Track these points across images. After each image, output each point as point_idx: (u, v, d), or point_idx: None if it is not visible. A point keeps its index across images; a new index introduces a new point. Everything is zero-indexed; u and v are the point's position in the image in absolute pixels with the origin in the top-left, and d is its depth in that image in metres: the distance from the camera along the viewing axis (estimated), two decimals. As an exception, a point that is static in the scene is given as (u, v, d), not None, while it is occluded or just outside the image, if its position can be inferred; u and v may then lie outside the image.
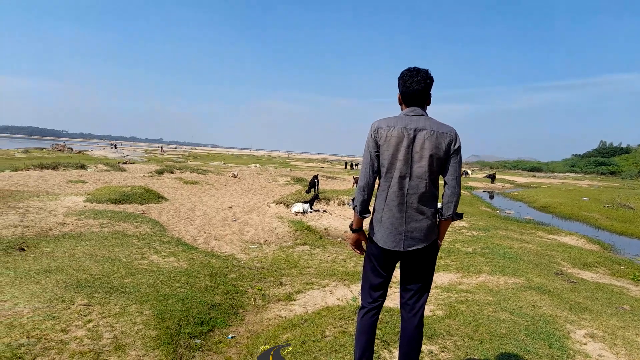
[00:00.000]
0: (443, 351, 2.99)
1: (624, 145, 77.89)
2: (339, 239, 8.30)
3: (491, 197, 21.69)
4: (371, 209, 2.22)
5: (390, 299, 3.52)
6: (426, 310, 3.65)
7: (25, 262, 4.53)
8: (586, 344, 3.28)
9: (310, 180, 14.23)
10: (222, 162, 36.57)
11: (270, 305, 4.30)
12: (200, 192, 13.73)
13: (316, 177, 13.99)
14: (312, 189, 13.51)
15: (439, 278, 5.32)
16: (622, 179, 52.10)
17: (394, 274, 2.28)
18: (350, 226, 2.26)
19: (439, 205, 2.17)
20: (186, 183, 15.22)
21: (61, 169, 15.83)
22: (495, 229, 9.27)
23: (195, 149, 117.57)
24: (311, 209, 10.77)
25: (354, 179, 19.16)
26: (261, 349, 3.12)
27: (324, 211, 11.05)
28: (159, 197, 10.92)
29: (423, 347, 2.88)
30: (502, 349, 3.05)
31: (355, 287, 4.81)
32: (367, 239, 2.25)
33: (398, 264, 2.25)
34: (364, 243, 2.28)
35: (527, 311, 3.89)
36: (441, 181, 2.16)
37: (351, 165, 40.83)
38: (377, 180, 2.20)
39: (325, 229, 9.08)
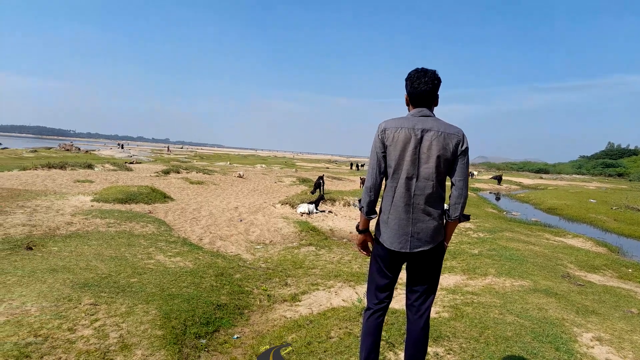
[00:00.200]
0: (449, 353, 2.98)
1: (632, 147, 76.94)
2: (344, 239, 8.29)
3: (497, 198, 21.54)
4: (378, 210, 2.21)
5: (396, 301, 3.52)
6: (432, 312, 3.64)
7: (32, 261, 4.57)
8: (593, 347, 3.25)
9: (315, 181, 14.22)
10: (228, 163, 36.73)
11: (275, 305, 4.30)
12: (206, 192, 13.77)
13: (322, 177, 13.99)
14: (318, 190, 13.50)
15: (445, 280, 5.29)
16: (630, 180, 51.56)
17: (400, 275, 2.28)
18: (357, 227, 2.25)
19: (446, 206, 2.16)
20: (192, 183, 15.29)
21: (68, 169, 15.97)
22: (502, 230, 9.21)
23: (201, 149, 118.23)
24: (317, 209, 10.78)
25: (360, 179, 19.15)
26: (261, 349, 3.12)
27: (330, 212, 11.05)
28: (165, 197, 10.98)
29: (429, 349, 2.87)
30: (508, 351, 3.03)
31: (360, 289, 4.80)
32: (373, 240, 2.25)
33: (404, 265, 2.24)
34: (370, 244, 2.28)
35: (534, 314, 3.86)
36: (448, 182, 2.16)
37: (357, 166, 40.73)
38: (384, 181, 2.19)
39: (331, 229, 9.08)
